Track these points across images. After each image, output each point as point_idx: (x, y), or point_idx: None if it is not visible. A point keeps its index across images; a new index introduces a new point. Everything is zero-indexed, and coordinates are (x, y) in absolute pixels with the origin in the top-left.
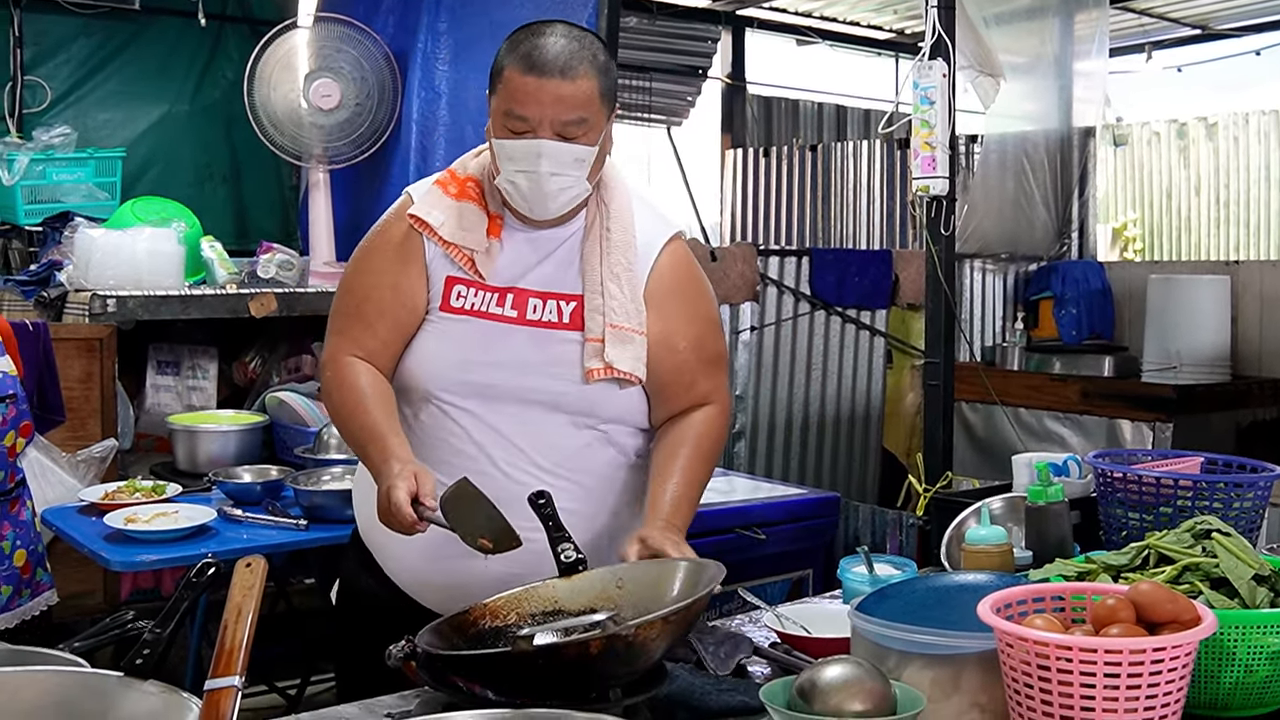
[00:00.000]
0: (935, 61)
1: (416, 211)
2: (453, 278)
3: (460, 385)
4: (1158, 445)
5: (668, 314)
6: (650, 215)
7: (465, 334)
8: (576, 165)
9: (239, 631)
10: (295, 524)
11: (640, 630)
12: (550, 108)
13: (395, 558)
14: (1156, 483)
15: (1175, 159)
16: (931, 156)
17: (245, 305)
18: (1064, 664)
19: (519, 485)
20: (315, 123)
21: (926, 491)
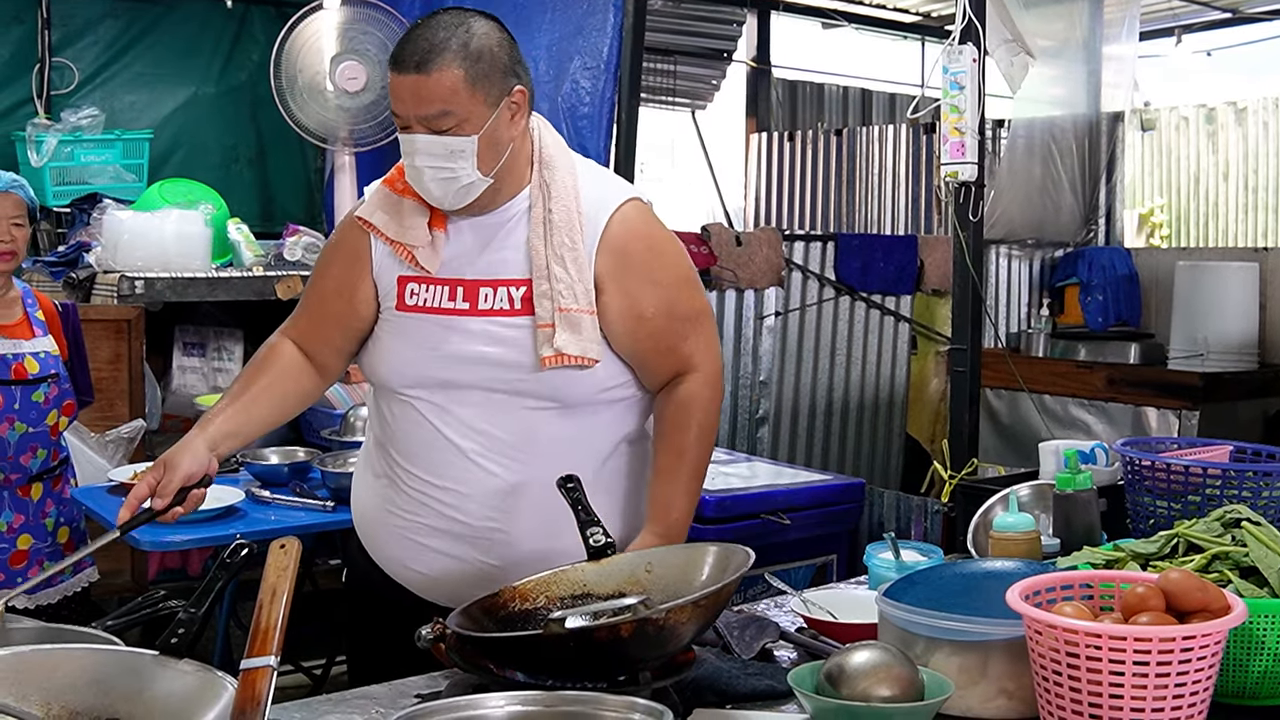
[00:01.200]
0: (965, 46)
1: (362, 213)
2: (404, 276)
3: (422, 380)
4: (1184, 433)
5: (627, 283)
6: (597, 185)
7: (421, 331)
8: (454, 157)
9: (274, 612)
10: (321, 505)
11: (671, 614)
12: (412, 104)
13: (382, 547)
14: (1185, 471)
15: (1203, 144)
16: (961, 142)
17: (272, 288)
18: (1093, 651)
19: (495, 477)
20: (341, 105)
21: (951, 478)
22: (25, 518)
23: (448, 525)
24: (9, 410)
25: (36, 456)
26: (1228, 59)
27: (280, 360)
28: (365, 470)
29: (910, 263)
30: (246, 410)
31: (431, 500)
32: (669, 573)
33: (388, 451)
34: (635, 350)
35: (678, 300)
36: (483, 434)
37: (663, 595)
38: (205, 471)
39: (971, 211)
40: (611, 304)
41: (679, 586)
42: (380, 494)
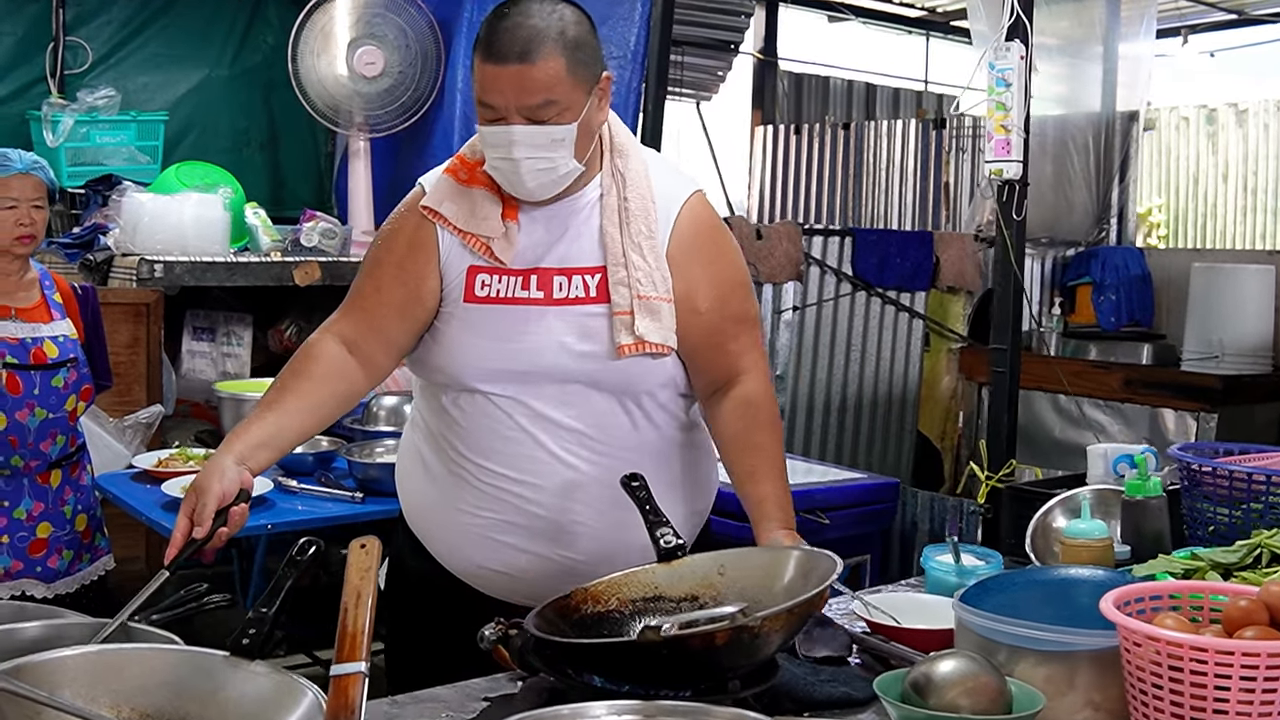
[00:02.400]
0: (1012, 43)
1: (429, 203)
2: (475, 267)
3: (497, 373)
4: (1201, 436)
5: (689, 275)
6: (668, 175)
7: (495, 322)
8: (554, 146)
9: (360, 616)
10: (351, 496)
11: (766, 622)
12: (513, 94)
13: (448, 546)
14: (1248, 478)
15: (1204, 145)
16: (1007, 140)
17: (290, 273)
18: (1198, 665)
19: (571, 469)
20: (358, 90)
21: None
22: (45, 505)
23: (527, 520)
24: (29, 396)
25: (56, 443)
26: (1231, 60)
27: (320, 362)
28: (416, 468)
29: (926, 259)
30: (280, 420)
31: (508, 495)
32: (744, 576)
33: (454, 447)
34: (688, 345)
35: (731, 299)
36: (559, 426)
37: (739, 599)
38: (239, 487)
39: (1016, 210)
40: (680, 296)
41: (756, 592)
42: (446, 492)
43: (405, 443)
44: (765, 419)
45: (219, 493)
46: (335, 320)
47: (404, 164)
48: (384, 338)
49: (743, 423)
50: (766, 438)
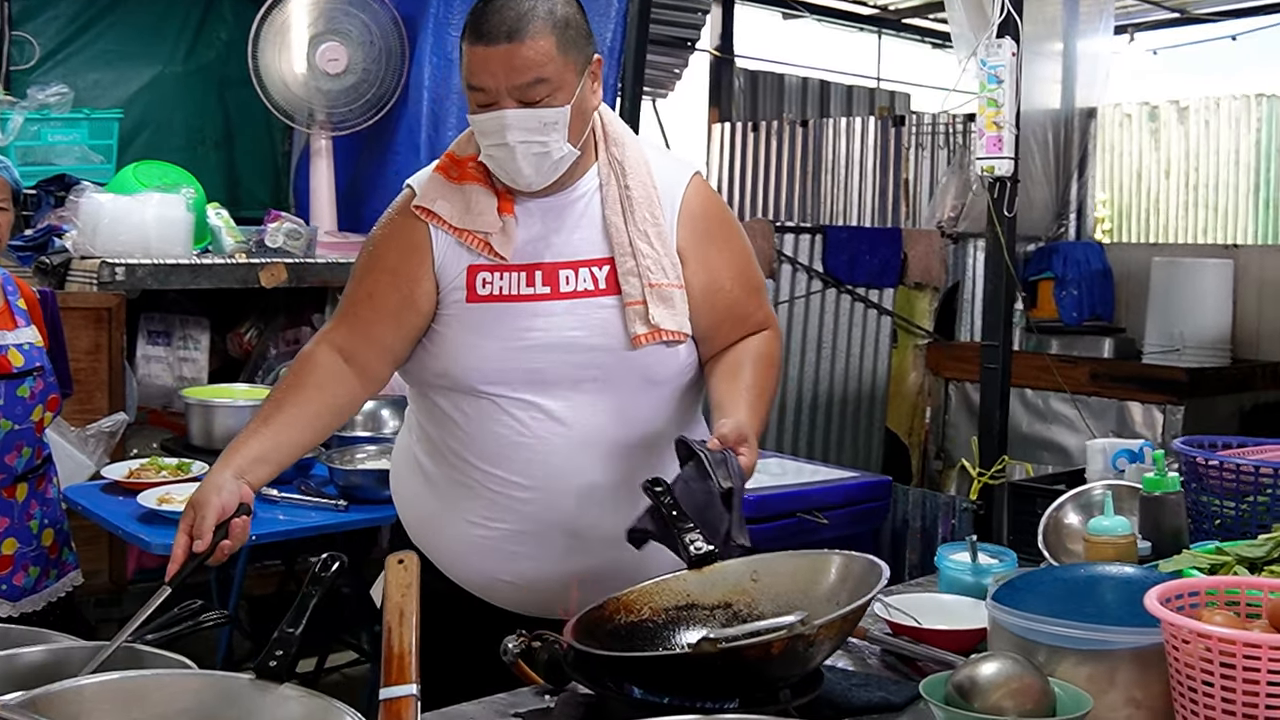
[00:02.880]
0: (1004, 40)
1: (421, 203)
2: (475, 266)
3: (507, 374)
4: (1168, 428)
5: (708, 256)
6: (665, 161)
7: (500, 321)
8: (546, 129)
9: (405, 635)
10: (334, 504)
11: (822, 630)
12: (504, 76)
13: (454, 557)
14: (1256, 471)
15: (1146, 141)
16: (998, 136)
17: (255, 275)
18: (1250, 662)
19: (586, 474)
20: (320, 87)
21: (981, 476)
22: (10, 521)
23: (540, 529)
24: None
25: (22, 455)
26: (1173, 58)
27: (316, 372)
28: (413, 477)
29: (894, 256)
30: (277, 435)
31: (520, 503)
32: (778, 582)
33: (458, 454)
34: (712, 322)
35: (748, 271)
36: (571, 428)
37: (773, 605)
38: (238, 500)
39: (1008, 207)
40: (695, 278)
41: (793, 597)
42: (451, 502)
43: (401, 451)
44: (767, 355)
45: (218, 506)
46: (329, 330)
47: (367, 163)
48: (379, 346)
49: (744, 351)
50: (758, 365)
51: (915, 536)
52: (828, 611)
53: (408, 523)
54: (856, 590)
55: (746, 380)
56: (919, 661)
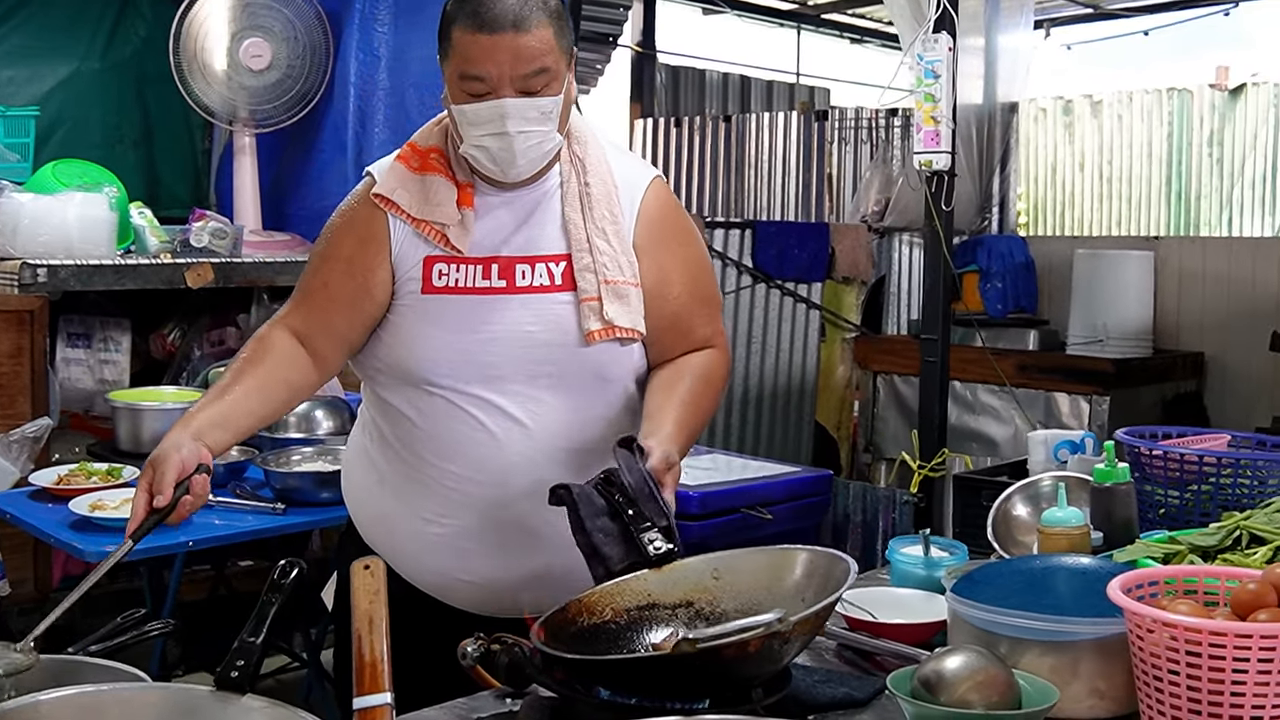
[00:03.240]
0: (940, 35)
1: (381, 190)
2: (432, 257)
3: (461, 368)
4: (1094, 418)
5: (660, 259)
6: (626, 161)
7: (455, 312)
8: (543, 119)
9: (376, 643)
10: (272, 508)
11: (797, 627)
12: (508, 64)
13: (409, 557)
14: (1199, 460)
15: (1061, 135)
16: (935, 131)
17: (181, 276)
18: (1216, 650)
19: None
20: (243, 84)
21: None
22: None
23: (497, 526)
24: None
25: None
26: (1087, 53)
27: (273, 351)
28: (367, 477)
29: (822, 250)
30: (235, 403)
31: (474, 500)
32: (740, 580)
33: (413, 451)
34: (657, 327)
35: (701, 281)
36: (526, 424)
37: (736, 603)
38: (198, 460)
39: (946, 201)
40: (645, 277)
41: (756, 594)
42: (406, 501)
43: (353, 450)
44: (709, 373)
45: (178, 462)
46: (285, 314)
47: (291, 160)
48: (334, 333)
49: (685, 365)
50: (697, 383)
51: (856, 531)
52: (795, 608)
53: (361, 522)
54: (824, 586)
55: (682, 394)
56: (878, 656)
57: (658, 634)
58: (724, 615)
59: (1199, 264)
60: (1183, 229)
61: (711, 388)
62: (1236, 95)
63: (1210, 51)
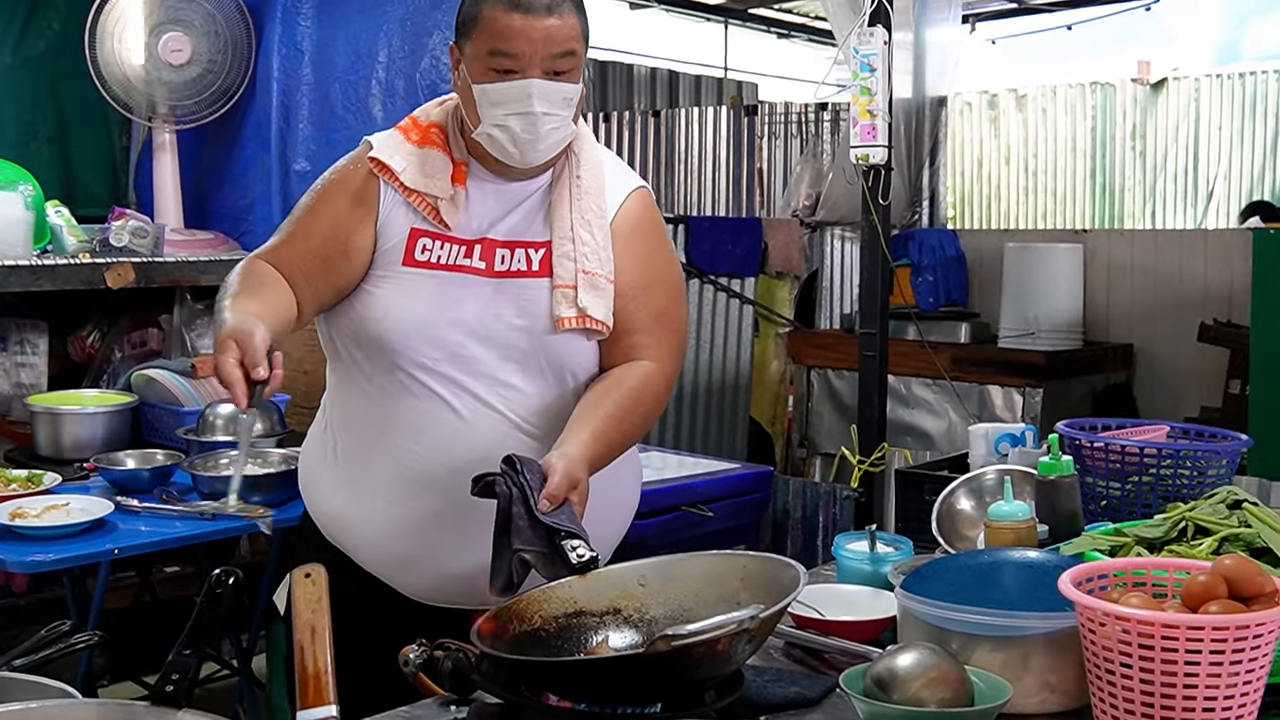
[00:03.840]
0: (876, 28)
1: (377, 154)
2: (417, 230)
3: (431, 344)
4: (1027, 410)
5: (622, 260)
6: (615, 165)
7: (432, 288)
8: (565, 104)
9: (320, 654)
10: (200, 513)
11: (762, 625)
12: (541, 45)
13: (373, 543)
14: (1140, 452)
15: (986, 129)
16: (872, 124)
17: (101, 276)
18: (1169, 643)
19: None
20: (162, 79)
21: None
22: None
23: (460, 510)
24: None
25: None
26: (1012, 47)
27: (271, 275)
28: (326, 466)
29: (755, 245)
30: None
31: (438, 482)
32: (668, 586)
33: (379, 430)
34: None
35: (656, 293)
36: (492, 407)
37: (665, 609)
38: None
39: (883, 195)
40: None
41: (687, 599)
42: (368, 485)
43: (313, 440)
44: (644, 390)
45: (264, 335)
46: (266, 253)
47: (213, 157)
48: (309, 286)
49: (621, 377)
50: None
51: (796, 527)
52: (724, 611)
53: (321, 514)
54: (760, 587)
55: (608, 409)
56: (827, 654)
57: (591, 639)
58: (654, 621)
59: (1126, 256)
60: (1108, 221)
61: (642, 405)
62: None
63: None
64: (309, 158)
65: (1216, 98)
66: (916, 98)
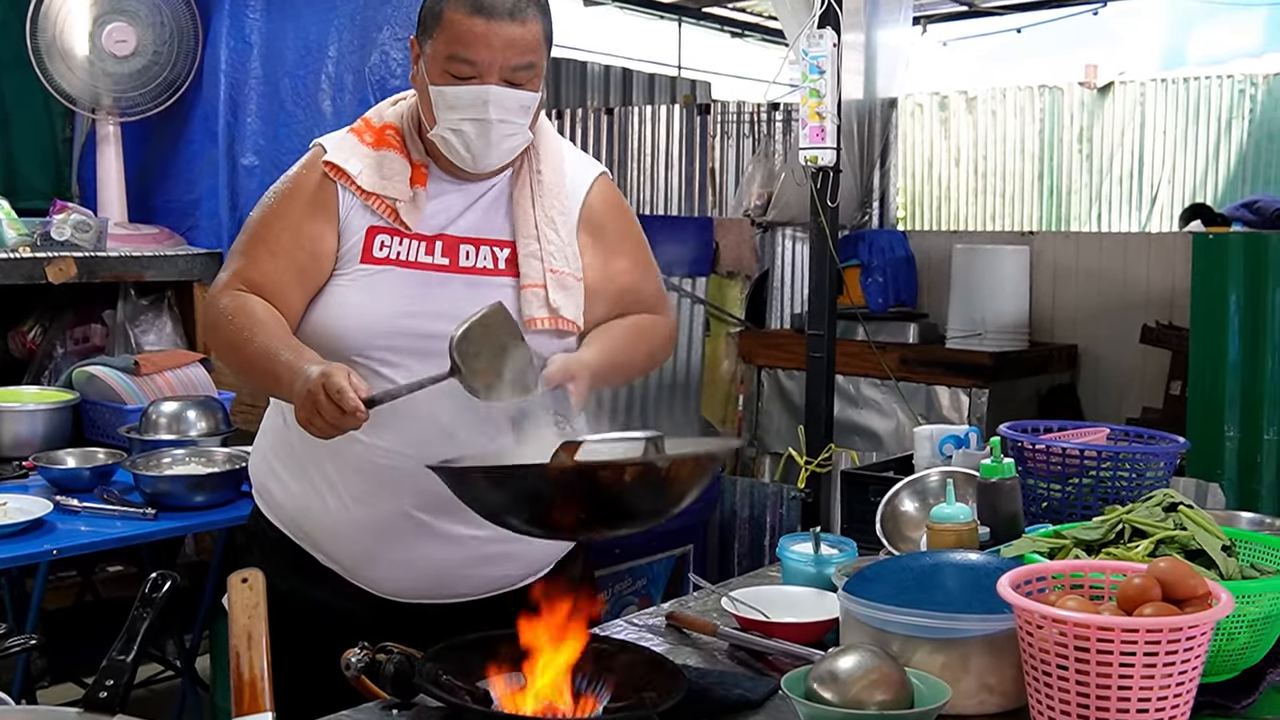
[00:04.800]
0: (825, 30)
1: (333, 159)
2: (375, 227)
3: (394, 338)
4: (973, 411)
5: (606, 242)
6: (574, 155)
7: (394, 284)
8: (522, 112)
9: (255, 660)
10: (142, 513)
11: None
12: (500, 52)
13: (340, 540)
14: (1080, 454)
15: (936, 131)
16: (821, 127)
17: (41, 271)
18: (1104, 645)
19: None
20: (106, 70)
21: (808, 465)
22: None
23: (429, 504)
24: None
25: None
26: (963, 49)
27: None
28: (286, 466)
29: (707, 244)
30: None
31: (405, 476)
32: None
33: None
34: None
35: (641, 261)
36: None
37: None
38: None
39: (831, 197)
40: (590, 270)
41: None
42: (330, 483)
43: (269, 438)
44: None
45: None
46: (233, 279)
47: (159, 150)
48: (283, 301)
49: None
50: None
51: (744, 527)
52: None
53: (279, 510)
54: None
55: (614, 332)
56: (770, 656)
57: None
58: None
59: (1072, 259)
60: (1055, 224)
61: (643, 336)
62: (1105, 93)
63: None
64: (257, 152)
65: (1162, 102)
66: (867, 99)
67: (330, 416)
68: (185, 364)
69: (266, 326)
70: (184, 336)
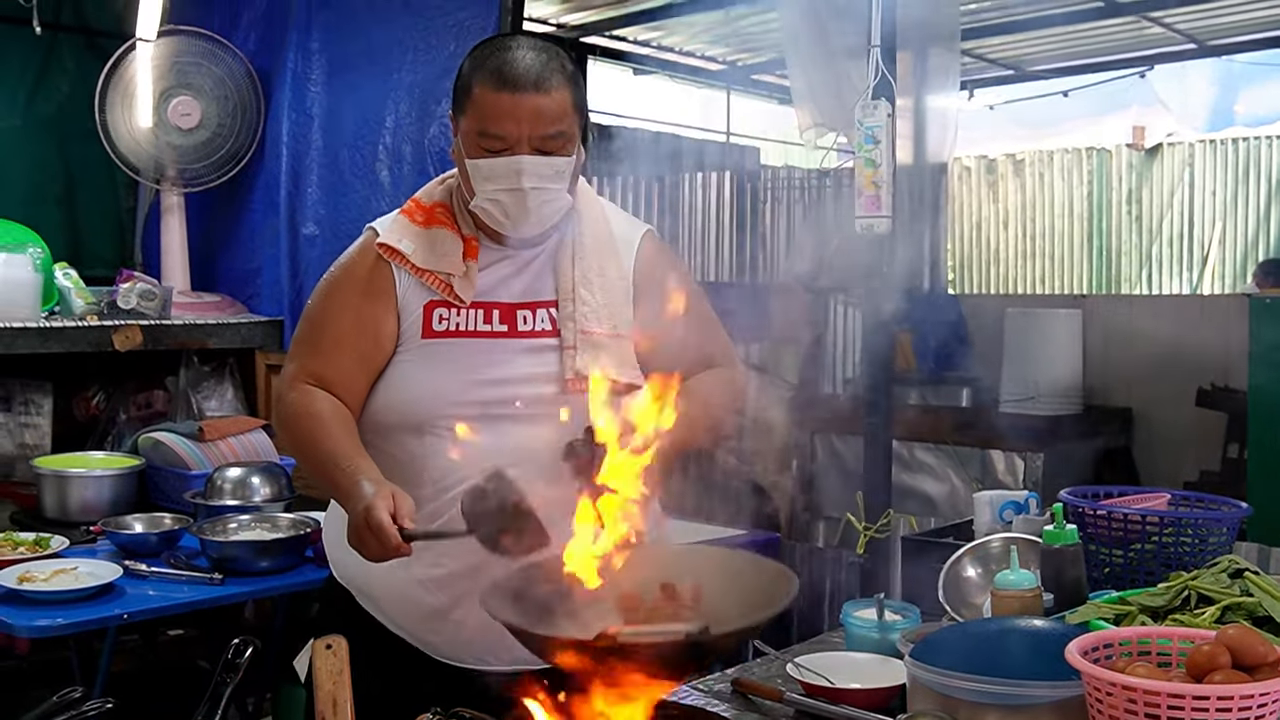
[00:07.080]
0: (879, 101)
1: (386, 240)
2: (433, 302)
3: (461, 407)
4: (1029, 475)
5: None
6: (618, 216)
7: (457, 354)
8: (557, 178)
9: None
10: (209, 578)
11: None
12: (528, 124)
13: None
14: (1143, 520)
15: (985, 194)
16: (876, 196)
17: (108, 338)
18: (1175, 713)
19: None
20: (171, 142)
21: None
22: None
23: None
24: None
25: None
26: (1010, 113)
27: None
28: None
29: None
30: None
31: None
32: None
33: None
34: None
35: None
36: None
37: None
38: None
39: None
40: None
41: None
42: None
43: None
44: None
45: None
46: (299, 373)
47: (221, 220)
48: (351, 388)
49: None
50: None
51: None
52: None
53: (350, 577)
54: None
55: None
56: None
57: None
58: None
59: (1125, 321)
60: (1104, 286)
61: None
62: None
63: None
64: (317, 222)
65: (1210, 163)
66: (917, 164)
67: (373, 550)
68: (248, 430)
69: (329, 430)
70: (245, 402)
